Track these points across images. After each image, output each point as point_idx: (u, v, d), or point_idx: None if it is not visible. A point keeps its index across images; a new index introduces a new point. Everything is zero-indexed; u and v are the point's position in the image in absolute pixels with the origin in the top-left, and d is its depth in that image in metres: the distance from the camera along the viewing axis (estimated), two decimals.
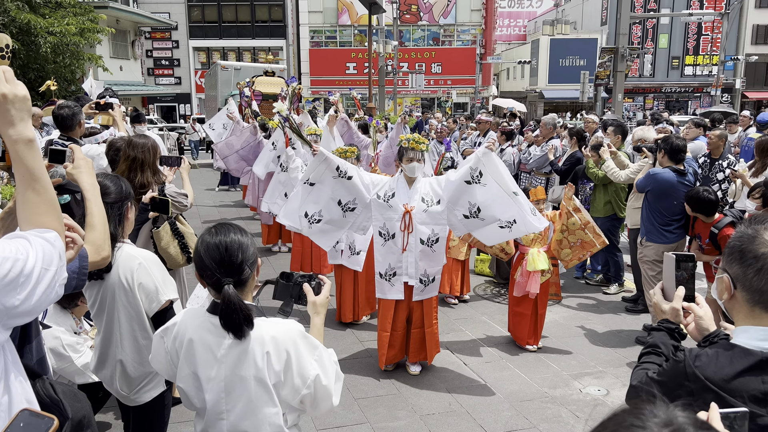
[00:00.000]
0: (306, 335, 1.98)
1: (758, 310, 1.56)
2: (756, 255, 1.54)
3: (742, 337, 1.58)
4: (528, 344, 5.31)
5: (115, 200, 2.66)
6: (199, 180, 15.04)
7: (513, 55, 42.65)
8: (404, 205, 4.57)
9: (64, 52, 14.59)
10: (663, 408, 0.77)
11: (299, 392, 1.94)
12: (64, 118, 4.37)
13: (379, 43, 26.95)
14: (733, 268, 1.59)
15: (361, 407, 4.34)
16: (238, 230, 2.02)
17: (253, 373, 1.91)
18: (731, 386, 1.50)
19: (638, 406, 0.79)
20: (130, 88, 25.52)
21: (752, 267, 1.53)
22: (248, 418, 1.94)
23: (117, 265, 2.62)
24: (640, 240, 5.60)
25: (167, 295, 2.69)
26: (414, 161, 4.58)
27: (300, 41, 39.11)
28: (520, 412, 4.27)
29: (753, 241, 1.55)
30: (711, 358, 1.56)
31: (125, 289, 2.63)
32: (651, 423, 0.75)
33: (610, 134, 7.22)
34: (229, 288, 1.90)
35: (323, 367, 1.97)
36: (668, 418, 0.75)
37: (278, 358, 1.92)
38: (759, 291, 1.54)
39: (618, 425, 0.76)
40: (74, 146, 2.28)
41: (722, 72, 28.76)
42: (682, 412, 0.77)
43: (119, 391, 2.77)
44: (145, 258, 2.70)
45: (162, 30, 37.40)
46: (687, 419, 0.76)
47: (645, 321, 5.89)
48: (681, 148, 5.37)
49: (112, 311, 2.67)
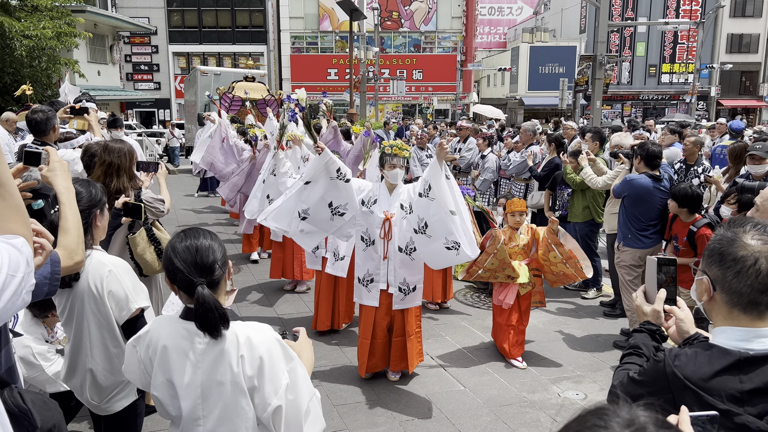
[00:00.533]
0: (284, 344, 1.95)
1: (736, 312, 1.59)
2: (735, 258, 1.57)
3: (720, 338, 1.60)
4: (513, 358, 5.13)
5: (83, 208, 2.61)
6: (178, 186, 14.91)
7: (493, 62, 42.98)
8: (384, 212, 4.54)
9: (40, 56, 14.40)
10: (626, 408, 0.78)
11: (270, 402, 1.86)
12: (38, 123, 4.30)
13: (360, 50, 27.01)
14: (713, 270, 1.62)
15: (340, 414, 4.31)
16: (208, 234, 2.03)
17: (229, 377, 1.89)
18: (709, 385, 1.52)
19: (602, 406, 0.80)
20: (108, 93, 25.24)
21: (731, 269, 1.56)
22: (225, 423, 1.92)
23: (86, 273, 2.57)
24: (617, 245, 5.66)
25: (138, 303, 2.64)
26: (396, 168, 4.53)
27: (281, 47, 39.04)
28: (499, 417, 4.28)
29: (732, 244, 1.58)
30: (690, 357, 1.58)
31: (95, 297, 2.58)
32: (613, 423, 0.76)
33: (588, 141, 7.30)
34: (203, 288, 1.88)
35: (295, 379, 1.90)
36: (630, 417, 0.76)
37: (251, 362, 1.88)
38: (738, 293, 1.57)
39: (581, 425, 0.77)
40: (50, 149, 2.24)
41: (698, 80, 29.28)
42: (644, 411, 0.78)
43: (90, 400, 2.71)
44: (116, 265, 2.65)
45: (141, 35, 37.09)
46: (648, 418, 0.77)
47: (623, 325, 5.94)
48: (657, 154, 5.44)
49: (81, 319, 2.62)
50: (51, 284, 2.01)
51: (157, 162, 4.26)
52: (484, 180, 8.61)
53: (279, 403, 1.86)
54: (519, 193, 8.26)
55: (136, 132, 22.81)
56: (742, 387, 1.50)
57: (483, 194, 8.75)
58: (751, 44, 39.66)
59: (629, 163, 5.84)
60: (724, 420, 1.48)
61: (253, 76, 12.33)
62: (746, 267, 1.55)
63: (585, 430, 0.76)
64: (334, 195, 4.50)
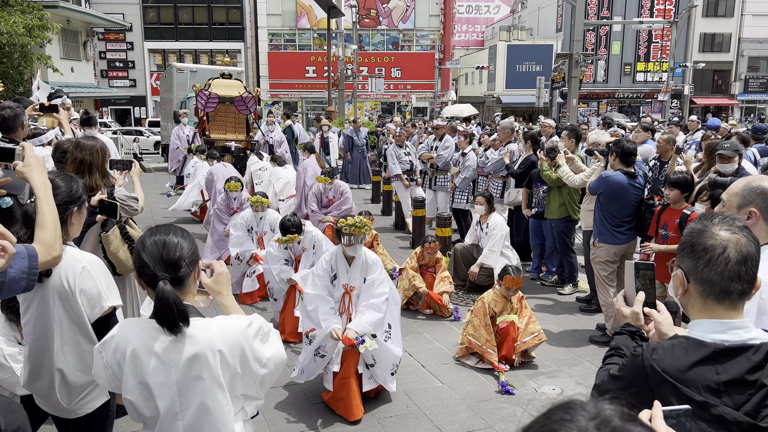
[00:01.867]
0: (249, 322, 2.01)
1: (710, 302, 1.62)
2: (705, 247, 1.60)
3: (696, 330, 1.63)
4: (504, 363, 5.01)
5: (59, 203, 2.55)
6: (154, 184, 14.72)
7: (471, 61, 43.17)
8: (344, 285, 4.32)
9: (11, 52, 14.12)
10: (592, 402, 0.79)
11: (259, 374, 1.99)
12: (6, 120, 4.21)
13: (338, 47, 26.93)
14: (685, 263, 1.65)
15: (318, 411, 4.30)
16: (179, 232, 2.02)
17: (206, 373, 1.90)
18: (686, 377, 1.54)
19: (569, 401, 0.81)
20: (82, 90, 24.82)
21: (702, 259, 1.60)
22: (203, 416, 1.93)
23: (58, 268, 2.50)
24: (593, 241, 5.72)
25: (110, 301, 2.57)
26: (355, 244, 4.31)
27: (258, 44, 38.75)
28: (477, 412, 4.30)
29: (702, 235, 1.62)
30: (667, 350, 1.60)
31: (66, 294, 2.49)
32: (579, 416, 0.76)
33: (564, 138, 7.37)
34: (165, 284, 1.88)
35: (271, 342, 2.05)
36: (596, 411, 0.77)
37: (232, 353, 1.93)
38: (709, 282, 1.60)
39: (548, 419, 0.78)
40: (25, 144, 2.20)
41: (671, 78, 29.72)
42: (609, 405, 0.79)
43: (58, 402, 2.59)
44: (90, 262, 2.58)
45: (116, 31, 36.55)
46: (613, 411, 0.77)
47: (599, 320, 6.01)
48: (632, 151, 5.51)
49: (49, 317, 2.52)
50: (29, 279, 1.97)
51: (131, 160, 4.20)
52: (464, 178, 8.65)
53: (266, 371, 2.01)
54: (496, 191, 8.31)
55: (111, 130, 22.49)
56: (719, 378, 1.52)
57: (462, 192, 8.79)
58: (723, 43, 40.38)
59: (604, 160, 5.91)
60: (702, 412, 1.50)
61: (230, 73, 12.19)
62: (715, 255, 1.59)
63: (552, 424, 0.77)
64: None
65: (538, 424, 0.79)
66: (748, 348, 1.55)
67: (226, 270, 2.17)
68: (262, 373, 1.99)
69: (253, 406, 2.07)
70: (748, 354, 1.54)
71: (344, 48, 26.92)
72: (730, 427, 1.49)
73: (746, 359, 1.54)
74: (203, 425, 1.94)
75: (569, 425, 0.76)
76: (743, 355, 1.54)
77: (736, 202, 2.35)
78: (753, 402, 1.50)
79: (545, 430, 0.77)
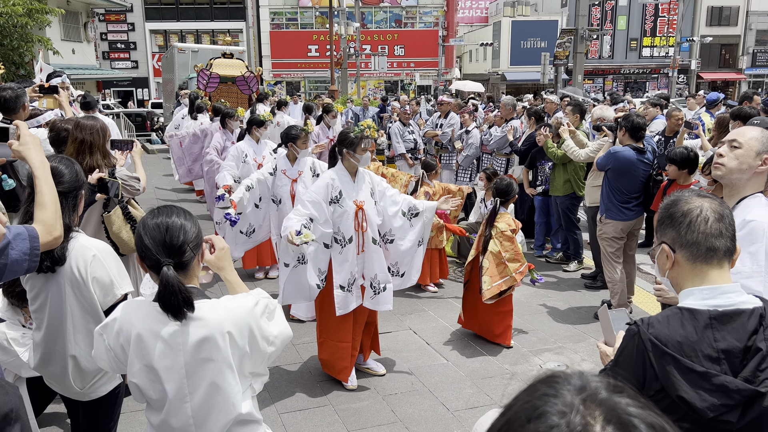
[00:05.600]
0: (256, 301, 2.00)
1: (699, 265, 1.63)
2: (683, 212, 1.65)
3: (688, 300, 1.62)
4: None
5: (69, 189, 2.52)
6: (158, 166, 14.71)
7: (475, 38, 42.69)
8: (354, 201, 4.11)
9: (11, 34, 14.02)
10: (576, 375, 0.75)
11: (267, 352, 1.99)
12: (7, 101, 4.17)
13: (340, 25, 26.66)
14: (668, 234, 1.67)
15: (323, 389, 4.31)
16: (182, 213, 1.97)
17: (216, 354, 1.88)
18: (685, 347, 1.54)
19: (552, 374, 0.77)
20: (83, 72, 24.66)
21: (682, 224, 1.63)
22: (212, 397, 1.92)
23: (69, 257, 2.50)
24: (600, 217, 5.68)
25: (123, 288, 2.58)
26: (367, 150, 4.17)
27: (260, 23, 38.39)
28: (482, 389, 4.31)
29: (677, 203, 1.67)
30: (662, 323, 1.60)
31: (78, 282, 2.50)
32: (564, 391, 0.73)
33: (568, 113, 7.28)
34: (168, 269, 1.84)
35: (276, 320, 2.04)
36: (581, 384, 0.73)
37: (241, 334, 1.91)
38: (695, 244, 1.62)
39: (531, 395, 0.74)
40: (19, 122, 2.16)
41: (678, 53, 29.34)
42: (595, 377, 0.75)
43: (71, 386, 2.63)
44: (100, 249, 2.57)
45: (116, 12, 36.24)
46: (600, 383, 0.74)
47: (604, 297, 5.99)
48: (641, 125, 5.44)
49: (62, 305, 2.54)
50: (31, 260, 1.96)
51: (132, 140, 4.18)
52: (467, 156, 8.58)
53: (273, 348, 2.02)
54: (500, 168, 8.25)
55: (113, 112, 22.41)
56: (717, 345, 1.53)
57: (465, 170, 8.73)
58: (731, 17, 39.77)
59: (612, 135, 5.84)
60: (704, 382, 1.50)
61: (232, 52, 12.08)
62: (694, 217, 1.63)
63: (535, 400, 0.73)
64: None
65: (520, 401, 0.74)
66: (741, 312, 1.56)
67: (226, 245, 2.15)
68: (270, 350, 2.00)
69: (259, 382, 2.07)
70: (742, 319, 1.55)
71: (346, 26, 26.65)
72: (732, 395, 1.49)
73: (741, 325, 1.55)
74: (213, 406, 1.93)
75: (554, 401, 0.72)
76: (738, 321, 1.55)
77: (756, 147, 2.39)
78: (750, 367, 1.51)
79: (528, 407, 0.73)
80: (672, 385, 1.52)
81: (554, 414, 0.70)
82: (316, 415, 3.99)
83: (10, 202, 3.53)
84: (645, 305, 5.90)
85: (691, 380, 1.51)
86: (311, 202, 4.03)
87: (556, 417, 0.70)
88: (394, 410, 4.04)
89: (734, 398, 1.49)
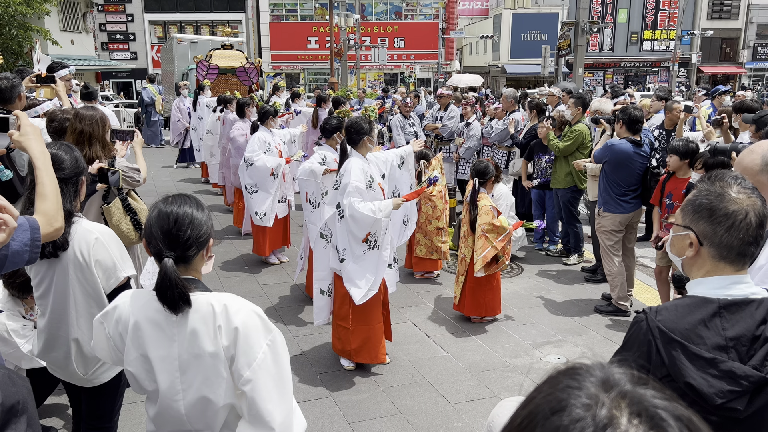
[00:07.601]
0: (263, 316, 1.87)
1: (723, 264, 1.60)
2: (727, 213, 1.57)
3: (699, 289, 1.61)
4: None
5: (69, 175, 2.53)
6: (157, 157, 14.67)
7: (475, 30, 42.52)
8: (378, 184, 4.28)
9: (9, 24, 13.96)
10: (599, 367, 0.74)
11: (242, 374, 1.80)
12: (3, 90, 4.13)
13: (340, 17, 26.53)
14: (700, 226, 1.61)
15: (323, 381, 4.32)
16: (195, 203, 1.92)
17: (208, 349, 1.83)
18: (693, 335, 1.53)
19: (574, 366, 0.75)
20: (82, 63, 24.60)
21: (723, 224, 1.57)
22: (205, 396, 1.87)
23: (72, 241, 2.50)
24: (598, 210, 5.68)
25: (125, 271, 2.58)
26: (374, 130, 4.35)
27: (260, 15, 38.20)
28: (482, 381, 4.31)
29: (722, 199, 1.58)
30: (671, 310, 1.59)
31: (81, 266, 2.51)
32: (587, 383, 0.71)
33: (571, 107, 7.26)
34: (168, 261, 1.81)
35: (275, 352, 1.83)
36: (604, 376, 0.72)
37: (227, 332, 1.83)
38: (728, 247, 1.58)
39: (553, 387, 0.72)
40: (19, 112, 2.14)
41: (679, 47, 29.25)
42: (618, 368, 0.74)
43: (75, 372, 2.64)
44: (102, 233, 2.58)
45: (115, 2, 36.13)
46: (623, 375, 0.72)
47: (604, 290, 6.00)
48: (638, 118, 5.43)
49: (65, 289, 2.55)
50: (32, 252, 1.94)
51: (133, 130, 4.15)
52: (468, 148, 8.56)
53: (251, 377, 1.79)
54: (501, 161, 8.23)
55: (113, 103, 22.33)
56: (725, 333, 1.52)
57: (467, 163, 8.70)
58: (732, 10, 39.65)
59: (610, 128, 5.82)
60: (711, 368, 1.50)
61: (231, 44, 12.04)
62: (738, 221, 1.56)
63: (558, 392, 0.71)
64: None
65: (542, 393, 0.73)
66: (751, 302, 1.55)
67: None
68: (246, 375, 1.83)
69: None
70: (751, 308, 1.54)
71: (346, 18, 26.53)
72: (740, 381, 1.48)
73: (750, 314, 1.54)
74: (207, 400, 1.89)
75: (577, 393, 0.70)
76: (747, 310, 1.54)
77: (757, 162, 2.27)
78: (759, 356, 1.50)
79: (552, 399, 0.71)
80: (679, 371, 1.51)
81: (578, 407, 0.69)
82: (317, 407, 4.00)
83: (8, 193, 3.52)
84: (645, 298, 5.91)
85: (698, 366, 1.50)
86: (361, 191, 4.11)
87: (580, 410, 0.68)
88: (395, 402, 4.05)
89: (742, 384, 1.48)
